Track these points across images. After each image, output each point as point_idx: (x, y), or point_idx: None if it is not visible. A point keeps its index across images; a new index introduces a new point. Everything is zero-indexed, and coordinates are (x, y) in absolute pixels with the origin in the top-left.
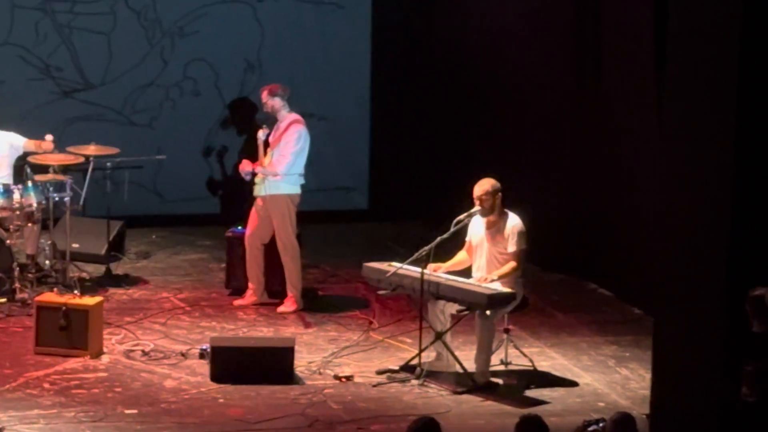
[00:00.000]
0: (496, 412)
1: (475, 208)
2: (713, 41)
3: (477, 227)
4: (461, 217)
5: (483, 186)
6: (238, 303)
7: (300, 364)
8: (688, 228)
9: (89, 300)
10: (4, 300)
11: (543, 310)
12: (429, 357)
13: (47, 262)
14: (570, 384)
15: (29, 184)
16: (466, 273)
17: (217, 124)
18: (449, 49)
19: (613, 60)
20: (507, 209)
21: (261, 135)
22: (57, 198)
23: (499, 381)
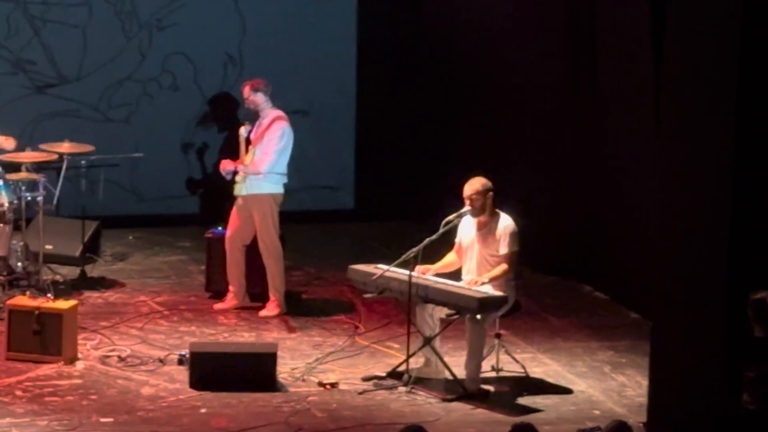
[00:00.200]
0: (487, 420)
1: (465, 208)
2: (713, 37)
3: (467, 228)
4: (451, 218)
5: (473, 185)
6: (218, 307)
7: (283, 370)
8: (687, 229)
9: (63, 304)
10: None
11: (536, 314)
12: (417, 363)
13: (19, 264)
14: (564, 391)
15: (0, 182)
16: (455, 275)
17: (197, 120)
18: (439, 43)
19: (609, 56)
20: (499, 209)
21: (243, 132)
22: (29, 197)
23: (490, 388)
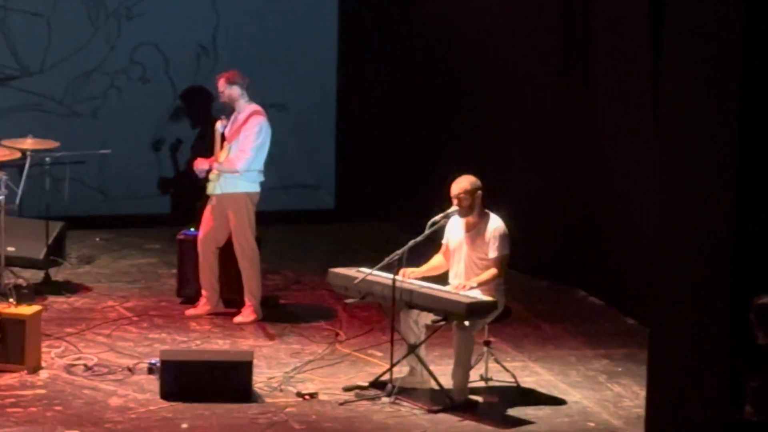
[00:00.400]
0: None
1: (453, 208)
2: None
3: (455, 229)
4: (437, 218)
5: (461, 183)
6: (190, 312)
7: (259, 380)
8: (687, 230)
9: (26, 309)
10: None
11: (527, 320)
12: (401, 372)
13: None
14: (557, 402)
15: None
16: (442, 279)
17: (168, 115)
18: (425, 35)
19: (605, 51)
20: (488, 210)
21: (219, 127)
22: None
23: (479, 399)
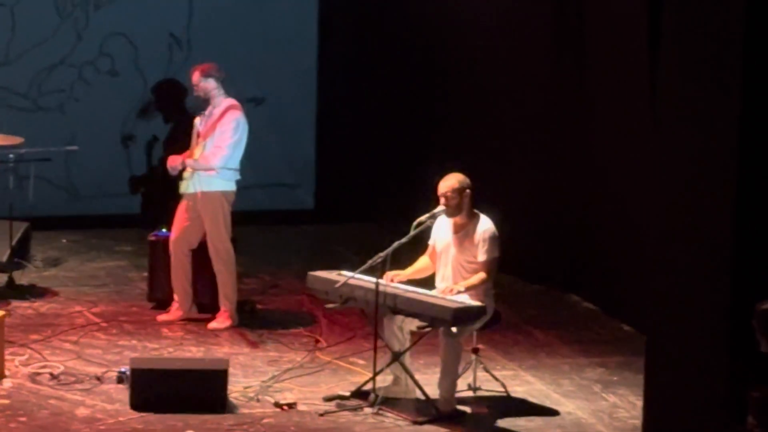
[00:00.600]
0: None
1: (439, 207)
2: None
3: (442, 230)
4: (423, 218)
5: (449, 181)
6: (162, 318)
7: (235, 389)
8: (686, 233)
9: None
10: None
11: (518, 326)
12: (385, 381)
13: None
14: (549, 413)
15: None
16: (428, 283)
17: (139, 109)
18: (410, 25)
19: (599, 43)
20: (477, 210)
21: (199, 123)
22: None
23: (467, 409)
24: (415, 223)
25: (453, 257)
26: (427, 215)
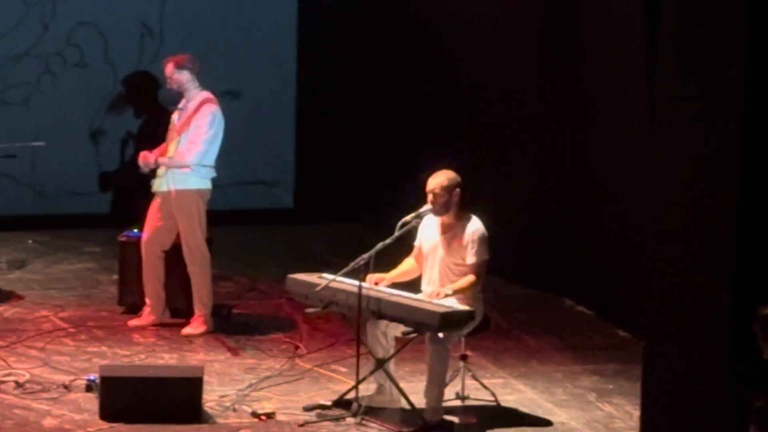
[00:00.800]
0: None
1: (426, 206)
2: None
3: (429, 230)
4: (408, 218)
5: (438, 178)
6: (133, 323)
7: (210, 398)
8: (685, 235)
9: None
10: None
11: (508, 332)
12: (368, 390)
13: None
14: (541, 423)
15: None
16: (414, 286)
17: (109, 103)
18: (396, 18)
19: (594, 37)
20: (466, 211)
21: (177, 118)
22: None
23: (454, 419)
24: (400, 223)
25: (440, 259)
26: (413, 215)
